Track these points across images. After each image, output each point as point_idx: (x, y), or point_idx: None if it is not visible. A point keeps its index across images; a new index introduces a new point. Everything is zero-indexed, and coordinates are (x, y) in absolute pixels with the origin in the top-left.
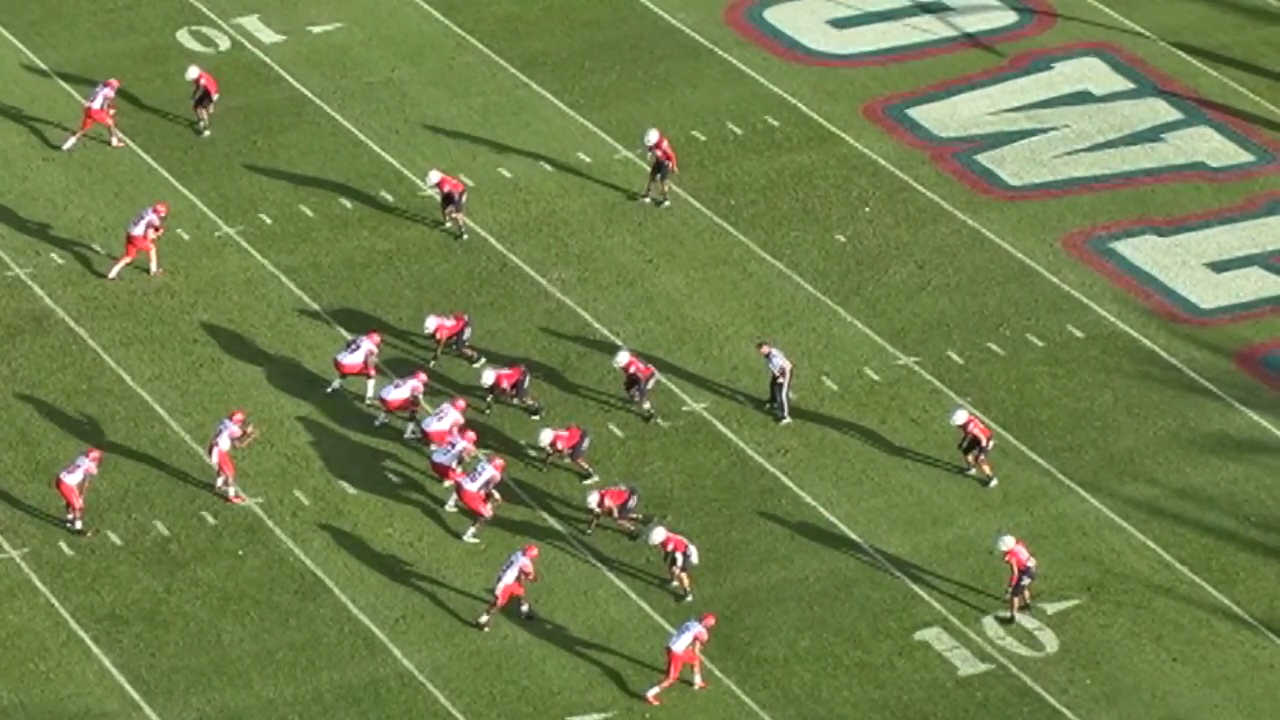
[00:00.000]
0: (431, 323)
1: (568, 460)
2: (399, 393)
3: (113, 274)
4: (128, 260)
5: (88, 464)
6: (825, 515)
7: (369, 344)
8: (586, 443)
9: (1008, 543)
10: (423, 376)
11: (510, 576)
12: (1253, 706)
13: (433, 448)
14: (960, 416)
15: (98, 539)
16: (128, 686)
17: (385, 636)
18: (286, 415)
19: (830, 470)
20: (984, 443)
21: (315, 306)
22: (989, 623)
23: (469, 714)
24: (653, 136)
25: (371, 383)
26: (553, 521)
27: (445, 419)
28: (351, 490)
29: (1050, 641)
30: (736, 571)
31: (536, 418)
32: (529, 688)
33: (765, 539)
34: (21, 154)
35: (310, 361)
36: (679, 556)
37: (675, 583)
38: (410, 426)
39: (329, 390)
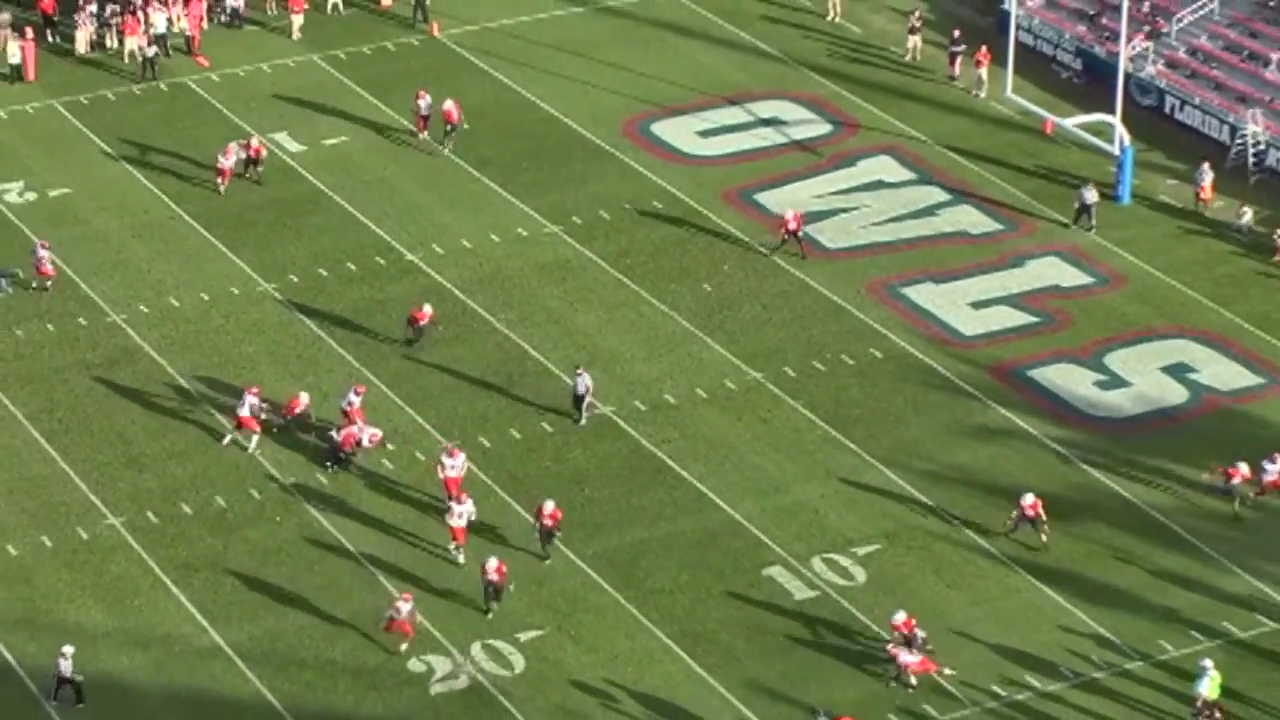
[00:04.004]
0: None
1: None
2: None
3: None
4: None
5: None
6: (698, 487)
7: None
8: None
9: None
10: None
11: None
12: (1006, 619)
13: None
14: (1028, 499)
15: (174, 510)
16: (198, 615)
17: (383, 578)
18: (310, 418)
19: (701, 454)
20: (1041, 520)
21: (330, 341)
22: (815, 562)
23: (445, 633)
24: (791, 213)
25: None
26: (506, 496)
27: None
28: (358, 473)
29: (860, 575)
30: (635, 527)
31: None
32: (488, 614)
33: (655, 504)
34: (116, 233)
35: (326, 380)
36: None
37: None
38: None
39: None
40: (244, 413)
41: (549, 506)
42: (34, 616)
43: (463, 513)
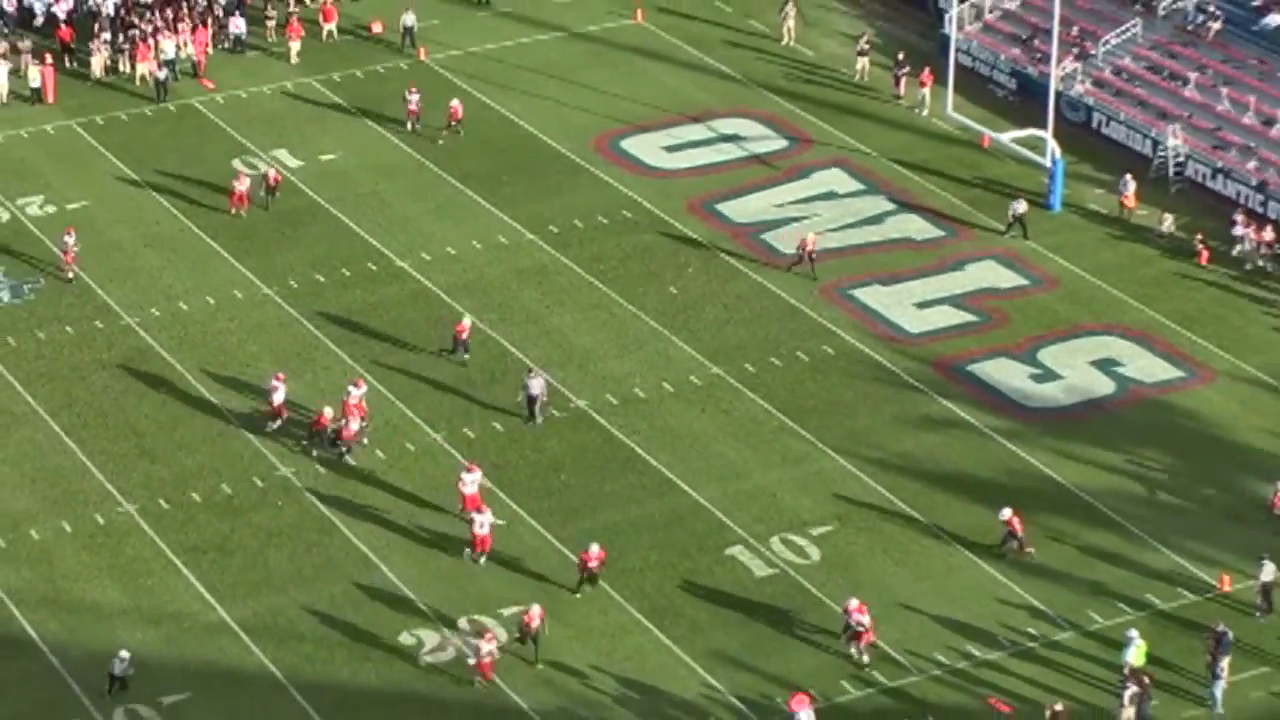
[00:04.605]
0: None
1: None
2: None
3: None
4: None
5: None
6: (665, 473)
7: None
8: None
9: (1006, 513)
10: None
11: None
12: (948, 594)
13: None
14: (1005, 513)
15: (184, 497)
16: (206, 594)
17: (377, 559)
18: (308, 412)
19: (669, 443)
20: (1020, 534)
21: (327, 341)
22: (774, 542)
23: (431, 609)
24: (810, 236)
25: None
26: (490, 484)
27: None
28: (352, 462)
29: (814, 553)
30: (607, 511)
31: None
32: (472, 591)
33: (627, 489)
34: (130, 242)
35: (322, 378)
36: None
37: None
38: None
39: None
40: (278, 400)
41: (594, 549)
42: (55, 595)
43: (484, 522)
